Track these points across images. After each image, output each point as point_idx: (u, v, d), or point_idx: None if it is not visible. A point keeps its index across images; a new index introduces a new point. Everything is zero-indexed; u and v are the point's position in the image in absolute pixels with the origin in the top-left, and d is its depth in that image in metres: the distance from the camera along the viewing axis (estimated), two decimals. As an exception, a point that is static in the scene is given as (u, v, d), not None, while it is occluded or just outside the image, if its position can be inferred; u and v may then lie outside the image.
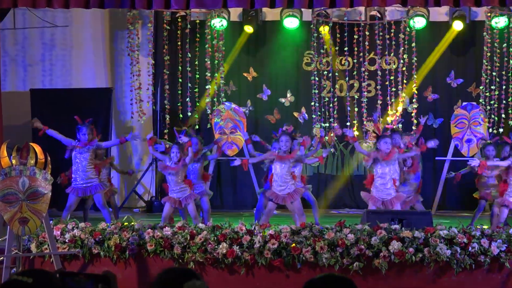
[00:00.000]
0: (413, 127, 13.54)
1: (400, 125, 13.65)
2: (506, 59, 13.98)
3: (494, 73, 14.00)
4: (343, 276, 3.60)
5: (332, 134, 14.45)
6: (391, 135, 10.53)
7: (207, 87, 14.36)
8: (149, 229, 8.05)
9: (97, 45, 15.22)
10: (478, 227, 7.85)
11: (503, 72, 14.00)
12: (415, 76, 14.21)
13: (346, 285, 3.55)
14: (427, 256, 7.43)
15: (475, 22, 14.45)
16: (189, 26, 14.40)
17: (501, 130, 13.51)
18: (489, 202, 11.20)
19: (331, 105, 14.38)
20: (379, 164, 9.87)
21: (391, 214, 8.52)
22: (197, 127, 14.53)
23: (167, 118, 14.34)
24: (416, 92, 14.22)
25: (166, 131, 13.90)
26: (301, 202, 10.27)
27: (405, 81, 14.20)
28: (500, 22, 13.90)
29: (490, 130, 13.76)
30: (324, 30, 14.22)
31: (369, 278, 7.53)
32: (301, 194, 10.09)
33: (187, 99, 14.39)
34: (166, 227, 8.13)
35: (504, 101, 13.98)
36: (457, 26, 14.19)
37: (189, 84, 14.56)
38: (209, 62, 14.30)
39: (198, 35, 14.47)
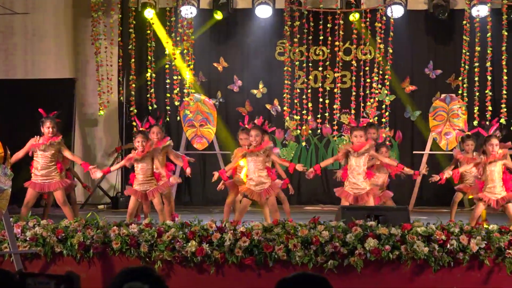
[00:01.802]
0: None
1: (376, 118, 13.72)
2: (490, 49, 14.06)
3: (476, 64, 14.09)
4: (317, 275, 3.60)
5: (305, 127, 14.47)
6: (365, 127, 10.55)
7: (177, 77, 14.31)
8: (115, 227, 8.01)
9: (60, 34, 15.12)
10: (457, 223, 7.88)
11: (488, 64, 14.07)
12: (388, 67, 14.27)
13: (320, 284, 3.55)
14: (404, 253, 7.45)
15: (455, 11, 14.53)
16: (153, 13, 14.34)
17: (475, 123, 13.58)
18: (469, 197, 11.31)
19: (304, 96, 14.41)
20: (351, 157, 9.91)
21: (366, 210, 8.53)
22: (168, 119, 14.51)
23: (133, 110, 14.30)
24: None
25: (134, 123, 13.86)
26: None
27: (381, 72, 14.26)
28: (480, 11, 14.00)
29: (476, 122, 13.83)
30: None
31: (344, 276, 7.53)
32: (277, 190, 10.05)
33: (152, 90, 14.36)
34: (133, 224, 8.10)
35: (487, 93, 14.06)
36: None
37: (153, 75, 14.53)
38: (177, 51, 14.29)
39: (168, 23, 14.43)
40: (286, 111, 14.44)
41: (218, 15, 14.48)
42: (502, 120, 13.50)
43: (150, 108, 14.42)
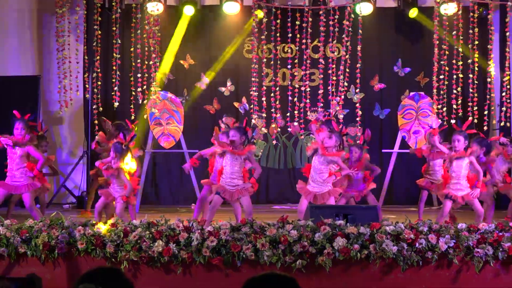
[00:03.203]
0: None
1: (341, 116, 13.78)
2: (456, 47, 14.16)
3: (442, 62, 14.18)
4: (285, 275, 3.62)
5: (274, 126, 14.48)
6: (332, 129, 10.68)
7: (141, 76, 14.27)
8: (80, 227, 7.97)
9: (23, 30, 15.00)
10: (426, 222, 7.93)
11: (453, 61, 14.17)
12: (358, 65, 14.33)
13: (288, 283, 3.57)
14: (373, 252, 7.49)
15: (424, 8, 14.62)
16: (119, 10, 14.28)
17: (453, 121, 13.68)
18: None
19: (272, 94, 14.41)
20: (316, 156, 10.00)
21: (335, 209, 8.56)
22: (132, 117, 14.47)
23: (99, 108, 14.22)
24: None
25: (96, 121, 13.79)
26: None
27: (349, 70, 14.30)
28: (449, 8, 14.09)
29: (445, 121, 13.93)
30: (260, 14, 14.18)
31: (312, 276, 7.55)
32: (251, 192, 10.05)
33: (116, 87, 14.29)
34: (98, 224, 8.07)
35: (454, 91, 14.17)
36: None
37: (118, 72, 14.45)
38: (146, 49, 14.23)
39: (134, 20, 14.36)
40: (254, 109, 14.43)
41: (189, 11, 14.41)
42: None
43: (115, 105, 14.35)
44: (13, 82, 14.33)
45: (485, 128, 13.91)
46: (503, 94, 14.24)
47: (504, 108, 14.00)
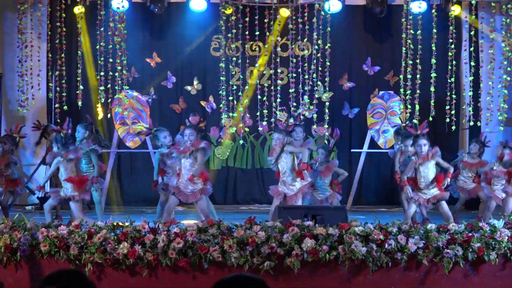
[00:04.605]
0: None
1: (315, 115, 13.82)
2: (433, 45, 14.26)
3: (410, 61, 14.28)
4: (254, 277, 3.62)
5: (241, 125, 14.49)
6: (293, 128, 10.78)
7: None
8: (43, 228, 7.92)
9: (-16, 27, 14.88)
10: (395, 222, 7.97)
11: (417, 61, 14.27)
12: (328, 63, 14.37)
13: (257, 285, 3.57)
14: (342, 254, 7.51)
15: (393, 6, 14.68)
16: (82, 7, 14.22)
17: (414, 121, 13.76)
18: None
19: (240, 93, 14.42)
20: (283, 155, 10.08)
21: (304, 210, 8.59)
22: (101, 116, 14.42)
23: (63, 107, 14.15)
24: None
25: (58, 120, 13.72)
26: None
27: (319, 68, 14.33)
28: (420, 6, 14.18)
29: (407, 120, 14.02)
30: (228, 10, 14.20)
31: (280, 278, 7.56)
32: (207, 194, 10.03)
33: (81, 86, 14.23)
34: (62, 226, 8.02)
35: (417, 91, 14.27)
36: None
37: (80, 71, 14.39)
38: (111, 47, 14.21)
39: (99, 17, 14.29)
40: (222, 109, 14.43)
41: (157, 9, 14.36)
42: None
43: (80, 104, 14.29)
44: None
45: (453, 127, 14.00)
46: (470, 93, 14.40)
47: (470, 108, 14.16)
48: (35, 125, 12.42)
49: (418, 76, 14.26)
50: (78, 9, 14.20)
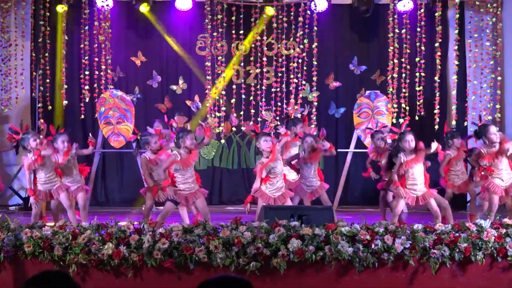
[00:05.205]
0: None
1: (299, 115, 13.82)
2: (418, 44, 14.29)
3: (395, 60, 14.31)
4: (239, 278, 3.62)
5: (224, 125, 14.48)
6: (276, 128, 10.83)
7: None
8: (27, 229, 7.89)
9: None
10: (382, 223, 7.98)
11: (403, 60, 14.30)
12: (314, 63, 14.39)
13: (242, 286, 3.57)
14: (328, 254, 7.51)
15: (379, 5, 14.70)
16: (65, 6, 14.17)
17: (401, 120, 13.80)
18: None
19: (225, 93, 14.40)
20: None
21: (290, 210, 8.58)
22: (83, 116, 14.38)
23: (48, 106, 14.11)
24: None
25: (42, 120, 13.67)
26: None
27: (305, 68, 14.35)
28: (405, 5, 14.22)
29: (394, 120, 14.05)
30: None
31: (266, 278, 7.55)
32: (205, 195, 10.04)
33: (65, 85, 14.18)
34: (46, 226, 8.00)
35: (403, 90, 14.30)
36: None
37: (64, 69, 14.34)
38: (96, 46, 14.18)
39: (83, 15, 14.25)
40: (208, 108, 14.42)
41: (144, 7, 14.33)
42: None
43: (65, 102, 14.25)
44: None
45: (436, 127, 14.02)
46: (453, 92, 14.44)
47: (453, 107, 14.20)
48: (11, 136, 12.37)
49: (403, 75, 14.31)
50: (62, 8, 14.14)
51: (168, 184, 9.60)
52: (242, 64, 14.70)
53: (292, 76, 14.41)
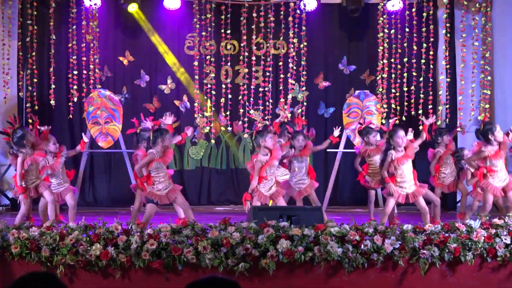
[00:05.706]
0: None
1: (289, 114, 13.82)
2: (406, 44, 14.32)
3: (385, 60, 14.34)
4: (228, 279, 3.61)
5: (212, 125, 14.47)
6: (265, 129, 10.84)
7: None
8: (14, 230, 7.87)
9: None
10: (371, 223, 7.98)
11: (392, 61, 14.33)
12: (303, 63, 14.39)
13: (230, 287, 3.57)
14: (318, 255, 7.50)
15: (369, 5, 14.72)
16: (53, 4, 14.15)
17: (390, 120, 13.81)
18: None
19: (213, 92, 14.40)
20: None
21: (279, 210, 8.58)
22: (71, 116, 14.36)
23: (35, 106, 14.07)
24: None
25: (31, 120, 13.63)
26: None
27: (294, 67, 14.35)
28: (394, 5, 14.25)
29: (383, 120, 14.06)
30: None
31: (255, 279, 7.54)
32: (178, 190, 10.02)
33: (52, 85, 14.15)
34: (33, 227, 7.98)
35: (393, 90, 14.33)
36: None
37: (52, 69, 14.31)
38: (84, 45, 14.16)
39: (71, 14, 14.21)
40: (196, 108, 14.42)
41: (133, 7, 14.31)
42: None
43: (52, 103, 14.22)
44: None
45: (420, 127, 14.06)
46: (441, 92, 14.48)
47: (440, 107, 14.24)
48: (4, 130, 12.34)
49: (393, 75, 14.33)
50: (50, 5, 14.12)
51: (145, 181, 9.61)
52: (229, 63, 14.69)
53: (282, 76, 14.42)
